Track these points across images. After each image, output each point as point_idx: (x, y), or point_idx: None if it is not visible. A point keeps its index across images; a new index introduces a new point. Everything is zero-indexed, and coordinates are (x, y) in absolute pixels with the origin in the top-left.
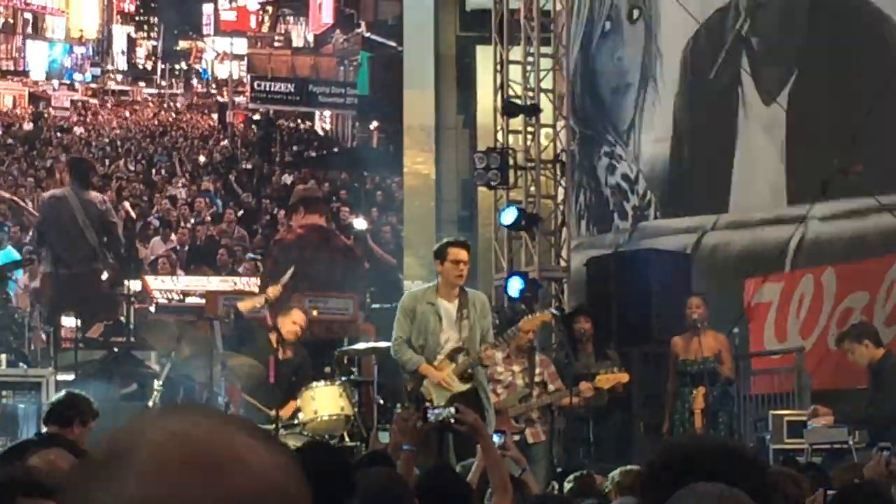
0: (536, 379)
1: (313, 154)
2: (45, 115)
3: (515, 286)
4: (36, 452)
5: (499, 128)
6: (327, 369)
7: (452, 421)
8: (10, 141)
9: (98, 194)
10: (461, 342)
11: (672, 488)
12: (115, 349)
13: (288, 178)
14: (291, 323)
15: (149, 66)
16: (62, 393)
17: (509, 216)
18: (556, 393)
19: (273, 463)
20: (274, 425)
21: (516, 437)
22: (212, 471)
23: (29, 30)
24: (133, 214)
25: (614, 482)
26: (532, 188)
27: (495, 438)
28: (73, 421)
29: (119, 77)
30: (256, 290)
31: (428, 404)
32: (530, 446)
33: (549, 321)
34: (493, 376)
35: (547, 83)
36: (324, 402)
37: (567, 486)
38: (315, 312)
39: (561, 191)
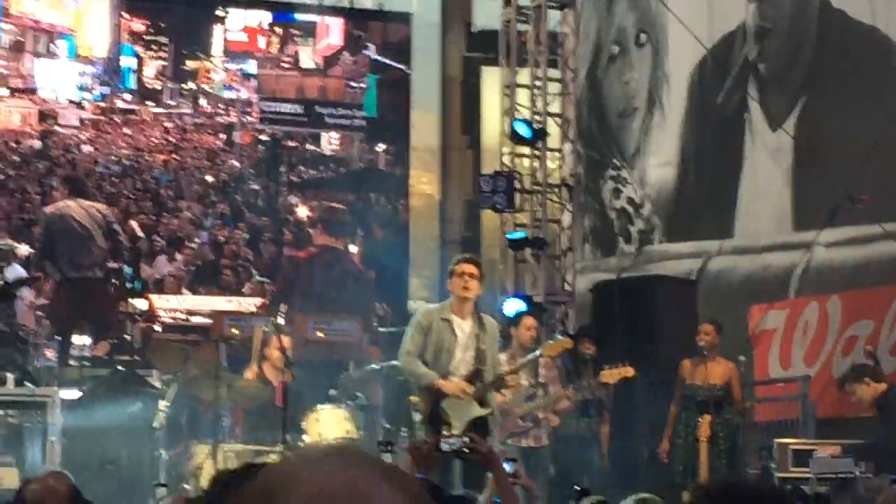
0: (541, 380)
1: (320, 176)
2: (54, 134)
3: (513, 307)
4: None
5: (505, 151)
6: (332, 392)
7: (466, 451)
8: (16, 159)
9: (99, 204)
10: (475, 365)
11: None
12: (120, 367)
13: (294, 200)
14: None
15: (157, 85)
16: None
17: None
18: (554, 395)
19: None
20: (281, 447)
21: (522, 442)
22: None
23: (38, 48)
24: (140, 233)
25: None
26: (538, 212)
27: (507, 467)
28: None
29: (127, 96)
30: (255, 310)
31: (445, 431)
32: (532, 450)
33: (570, 347)
34: None
35: (554, 107)
36: (329, 425)
37: None
38: (320, 334)
39: (567, 215)
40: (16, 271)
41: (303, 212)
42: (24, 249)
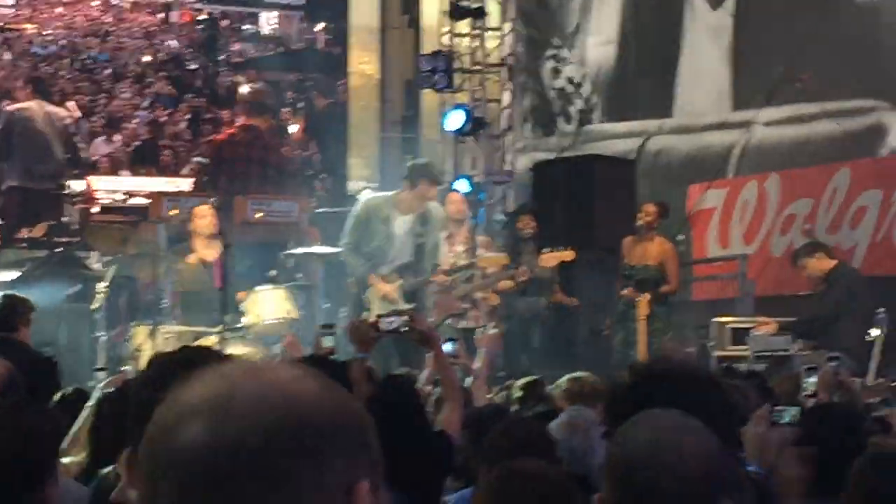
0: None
1: (259, 55)
2: None
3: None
4: None
5: (445, 30)
6: (272, 273)
7: (405, 329)
8: None
9: (62, 109)
10: (411, 258)
11: (635, 410)
12: (58, 249)
13: (233, 79)
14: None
15: None
16: None
17: (455, 120)
18: (494, 275)
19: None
20: (220, 328)
21: (460, 323)
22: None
23: None
24: (79, 114)
25: (561, 389)
26: (477, 92)
27: (447, 347)
28: (15, 323)
29: None
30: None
31: (379, 313)
32: (471, 331)
33: (506, 263)
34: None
35: None
36: (269, 305)
37: (516, 393)
38: (259, 215)
39: (507, 95)
40: None
41: (242, 91)
42: None
